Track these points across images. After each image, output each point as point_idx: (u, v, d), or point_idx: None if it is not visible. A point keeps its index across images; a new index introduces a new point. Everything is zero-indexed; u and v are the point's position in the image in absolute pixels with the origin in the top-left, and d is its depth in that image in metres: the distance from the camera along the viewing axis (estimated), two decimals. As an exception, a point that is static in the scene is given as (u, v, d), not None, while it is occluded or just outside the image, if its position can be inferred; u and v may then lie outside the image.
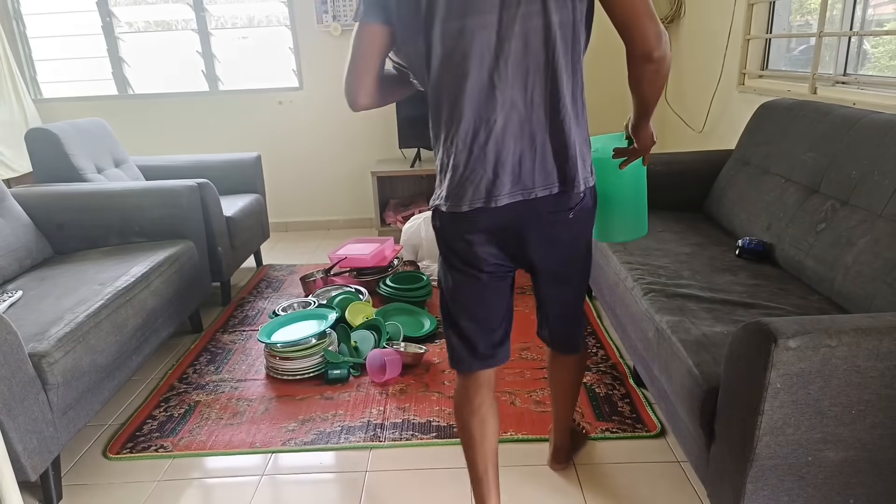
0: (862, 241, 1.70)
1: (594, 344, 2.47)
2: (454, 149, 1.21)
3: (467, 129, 1.19)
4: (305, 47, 4.02)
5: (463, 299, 1.37)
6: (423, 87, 1.31)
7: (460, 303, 1.37)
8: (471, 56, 1.15)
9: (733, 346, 1.24)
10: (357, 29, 1.24)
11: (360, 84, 1.26)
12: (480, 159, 1.20)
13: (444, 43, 1.17)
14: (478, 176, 1.21)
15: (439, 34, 1.17)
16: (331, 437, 1.96)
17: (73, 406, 1.76)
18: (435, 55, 1.19)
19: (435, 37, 1.18)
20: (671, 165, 2.72)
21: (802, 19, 2.92)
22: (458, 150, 1.21)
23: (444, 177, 1.25)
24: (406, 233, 3.35)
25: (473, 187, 1.21)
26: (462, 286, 1.35)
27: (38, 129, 2.82)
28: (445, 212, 1.26)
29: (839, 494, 1.25)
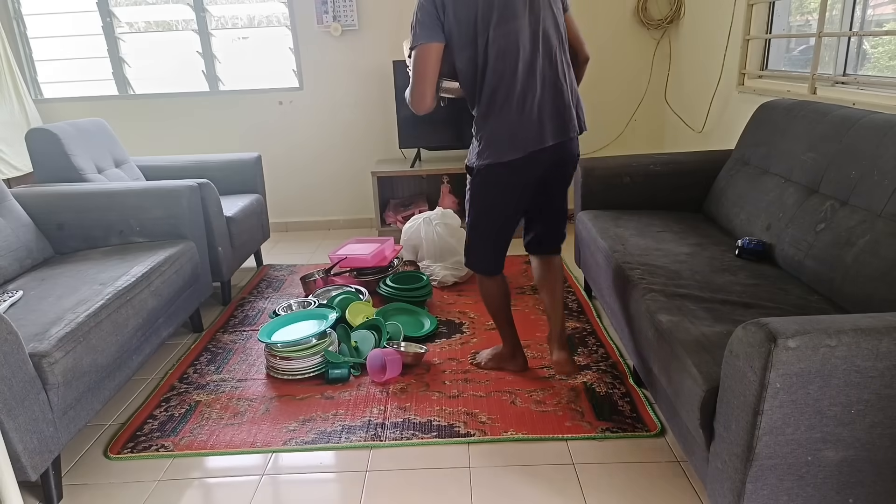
0: (862, 241, 1.70)
1: (594, 343, 2.47)
2: (510, 115, 1.77)
3: (519, 99, 1.76)
4: (305, 47, 4.02)
5: (498, 230, 1.99)
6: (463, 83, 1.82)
7: (492, 236, 2.00)
8: (519, 48, 1.75)
9: (733, 345, 1.24)
10: (418, 51, 1.76)
11: (427, 92, 1.81)
12: (532, 118, 1.78)
13: (498, 42, 1.74)
14: (532, 130, 1.79)
15: (492, 38, 1.73)
16: (331, 436, 1.96)
17: (74, 406, 1.76)
18: (490, 53, 1.74)
19: (489, 40, 1.73)
20: (671, 165, 2.73)
21: (802, 19, 2.92)
22: (514, 115, 1.77)
23: (491, 141, 1.81)
24: (406, 233, 3.36)
25: (528, 138, 1.79)
26: (499, 221, 1.97)
27: (39, 130, 2.83)
28: (503, 163, 1.81)
29: (838, 494, 1.26)
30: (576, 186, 2.86)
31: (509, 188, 1.90)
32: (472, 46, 1.76)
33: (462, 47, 1.76)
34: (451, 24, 1.73)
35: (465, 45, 1.75)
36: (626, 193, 2.73)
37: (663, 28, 3.92)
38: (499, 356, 2.31)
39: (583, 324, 2.65)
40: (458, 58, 1.78)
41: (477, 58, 1.76)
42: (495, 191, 1.91)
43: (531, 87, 1.78)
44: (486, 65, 1.76)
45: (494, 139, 1.82)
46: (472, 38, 1.74)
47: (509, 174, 1.86)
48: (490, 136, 1.82)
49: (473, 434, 1.94)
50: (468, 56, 1.77)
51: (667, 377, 1.62)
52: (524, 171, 1.86)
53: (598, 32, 3.98)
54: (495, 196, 1.92)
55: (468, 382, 2.23)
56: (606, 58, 4.04)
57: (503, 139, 1.80)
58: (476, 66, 1.78)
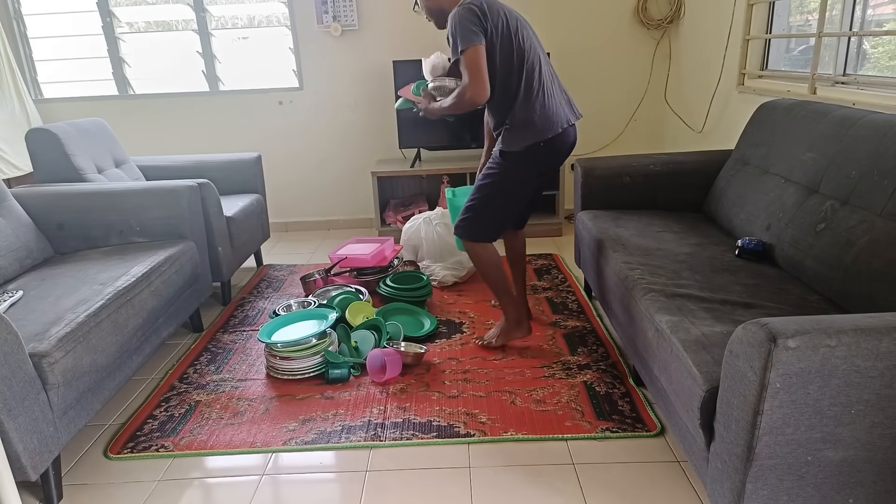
0: (862, 241, 1.70)
1: (594, 343, 2.48)
2: (540, 101, 2.13)
3: (546, 89, 2.16)
4: (305, 47, 4.02)
5: (516, 201, 2.27)
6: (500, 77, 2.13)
7: (507, 214, 2.30)
8: (536, 48, 2.17)
9: (733, 345, 1.24)
10: (469, 52, 2.02)
11: (486, 82, 2.05)
12: (556, 102, 2.18)
13: (526, 42, 2.13)
14: (560, 111, 2.18)
15: (523, 38, 2.13)
16: (331, 436, 1.96)
17: (74, 406, 1.76)
18: (525, 49, 2.12)
19: (522, 39, 2.12)
20: (671, 165, 2.73)
21: (802, 19, 2.92)
22: (544, 101, 2.14)
23: (535, 122, 2.13)
24: (406, 233, 3.36)
25: (560, 118, 2.16)
26: (521, 194, 2.27)
27: (39, 130, 2.83)
28: (549, 138, 2.14)
29: (838, 494, 1.26)
30: (576, 186, 2.86)
31: (541, 169, 2.23)
32: (509, 43, 2.10)
33: (502, 45, 2.09)
34: (493, 27, 2.07)
35: (504, 42, 2.09)
36: (626, 193, 2.73)
37: (663, 28, 3.92)
38: (505, 330, 2.45)
39: (583, 324, 2.65)
40: (499, 53, 2.09)
41: (514, 53, 2.10)
42: (529, 172, 2.22)
43: (549, 79, 2.19)
44: (524, 59, 2.11)
45: (538, 121, 2.13)
46: (509, 37, 2.09)
47: (549, 153, 2.18)
48: (532, 119, 2.13)
49: (473, 434, 1.94)
50: (507, 51, 2.10)
51: (667, 377, 1.62)
52: (557, 151, 2.19)
53: (598, 32, 3.98)
54: (526, 175, 2.23)
55: (468, 382, 2.23)
56: (606, 58, 4.04)
57: (545, 120, 2.13)
58: (514, 60, 2.11)
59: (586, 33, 3.99)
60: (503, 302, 2.41)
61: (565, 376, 2.23)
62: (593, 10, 3.93)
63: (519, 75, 2.12)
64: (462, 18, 2.03)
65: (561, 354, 2.40)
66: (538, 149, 2.15)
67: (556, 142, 2.17)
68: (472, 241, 2.29)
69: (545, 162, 2.21)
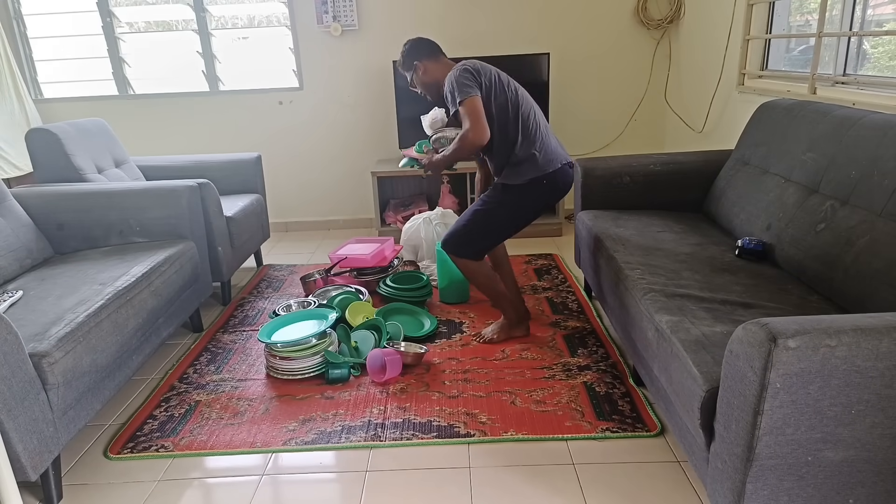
0: (862, 241, 1.70)
1: (594, 343, 2.48)
2: (540, 140, 2.29)
3: (542, 132, 2.32)
4: (305, 47, 4.02)
5: (508, 231, 2.39)
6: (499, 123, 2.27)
7: (497, 239, 2.40)
8: (528, 99, 2.33)
9: (733, 345, 1.24)
10: (467, 102, 2.16)
11: (485, 126, 2.17)
12: (553, 143, 2.34)
13: (518, 95, 2.29)
14: (558, 150, 2.33)
15: (514, 88, 2.30)
16: (331, 436, 1.96)
17: (74, 406, 1.76)
18: (519, 99, 2.29)
19: (514, 89, 2.30)
20: (671, 165, 2.73)
21: (802, 19, 2.93)
22: (543, 140, 2.30)
23: (538, 158, 2.27)
24: (406, 233, 3.36)
25: (559, 155, 2.32)
26: (514, 226, 2.37)
27: (39, 130, 2.83)
28: (550, 172, 2.28)
29: (839, 494, 1.26)
30: (576, 186, 2.86)
31: (538, 207, 2.34)
32: (504, 94, 2.26)
33: (497, 96, 2.25)
34: (487, 81, 2.24)
35: (499, 93, 2.25)
36: (626, 193, 2.73)
37: (663, 28, 3.92)
38: (504, 327, 2.52)
39: (583, 324, 2.65)
40: (495, 105, 2.24)
41: (508, 103, 2.26)
42: (527, 207, 2.33)
43: (543, 122, 2.35)
44: (518, 106, 2.27)
45: (539, 157, 2.27)
46: (503, 89, 2.26)
47: (546, 189, 2.30)
48: (533, 155, 2.27)
49: (473, 434, 1.94)
50: (502, 102, 2.25)
51: (667, 377, 1.62)
52: (556, 188, 2.31)
53: (597, 32, 3.98)
54: (523, 210, 2.34)
55: (468, 382, 2.23)
56: (606, 58, 4.04)
57: (545, 156, 2.28)
58: (509, 109, 2.26)
59: (586, 33, 3.99)
60: (500, 305, 2.48)
61: (565, 376, 2.23)
62: (593, 10, 3.93)
63: (515, 122, 2.26)
64: (457, 77, 2.21)
65: (561, 355, 2.40)
66: (539, 184, 2.27)
67: (556, 176, 2.29)
68: (459, 258, 2.39)
69: (544, 198, 2.32)
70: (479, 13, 3.95)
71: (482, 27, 3.97)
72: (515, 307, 2.52)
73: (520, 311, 2.53)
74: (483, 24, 3.96)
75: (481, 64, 2.29)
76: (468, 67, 2.24)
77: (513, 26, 3.97)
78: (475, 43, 3.96)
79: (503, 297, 2.47)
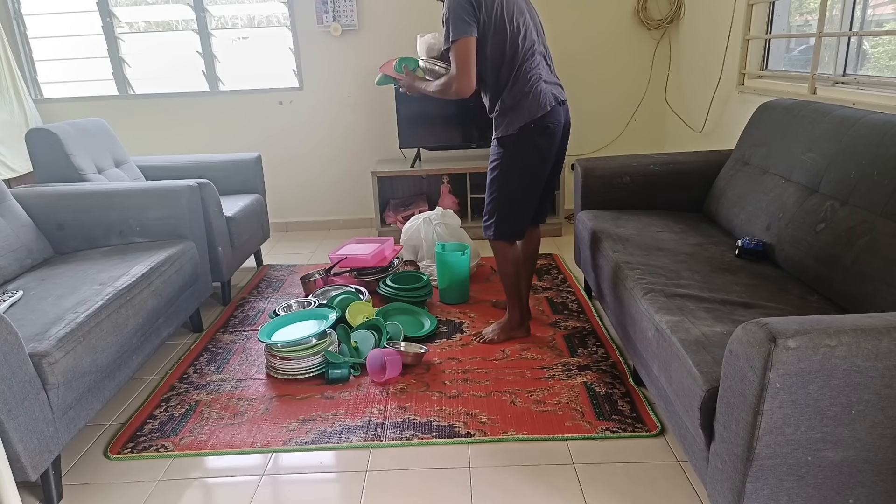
0: (861, 241, 1.70)
1: (594, 343, 2.48)
2: (530, 86, 2.16)
3: (537, 71, 2.18)
4: (305, 47, 4.02)
5: (530, 196, 2.30)
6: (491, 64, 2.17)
7: (526, 201, 2.30)
8: (529, 34, 2.19)
9: (733, 345, 1.24)
10: (461, 43, 2.08)
11: (473, 76, 2.11)
12: (545, 84, 2.19)
13: (521, 29, 2.16)
14: (548, 91, 2.19)
15: (517, 26, 2.15)
16: (331, 436, 1.96)
17: (74, 406, 1.76)
18: (518, 37, 2.15)
19: (516, 27, 2.14)
20: (671, 165, 2.73)
21: (802, 19, 2.93)
22: (534, 86, 2.16)
23: (523, 105, 2.16)
24: (406, 233, 3.36)
25: (547, 97, 2.17)
26: (531, 177, 2.27)
27: (39, 130, 2.83)
28: (539, 117, 2.15)
29: (839, 494, 1.26)
30: (576, 186, 2.86)
31: (542, 148, 2.23)
32: (503, 33, 2.13)
33: (495, 34, 2.13)
34: (487, 17, 2.10)
35: (497, 32, 2.12)
36: (626, 193, 2.74)
37: (663, 28, 3.92)
38: (507, 326, 2.51)
39: (583, 324, 2.65)
40: (490, 44, 2.13)
41: (506, 42, 2.14)
42: (531, 152, 2.22)
43: (542, 63, 2.23)
44: (517, 47, 2.15)
45: (526, 103, 2.16)
46: (503, 26, 2.12)
47: (541, 134, 2.20)
48: (520, 102, 2.17)
49: (473, 434, 1.94)
50: (500, 41, 2.13)
51: (667, 377, 1.62)
52: (551, 130, 2.21)
53: (597, 32, 3.98)
54: (531, 157, 2.23)
55: (468, 382, 2.23)
56: (606, 58, 4.04)
57: (533, 100, 2.16)
58: (506, 48, 2.14)
59: (586, 34, 3.99)
60: (511, 301, 2.46)
61: (565, 377, 2.23)
62: (593, 10, 3.93)
63: (511, 65, 2.16)
64: (455, 7, 2.07)
65: (561, 355, 2.40)
66: (530, 130, 2.18)
67: (546, 120, 2.18)
68: (501, 241, 2.33)
69: (541, 142, 2.21)
70: (479, 13, 3.94)
71: (482, 27, 3.96)
72: (522, 310, 2.50)
73: (524, 313, 2.52)
74: (483, 24, 3.96)
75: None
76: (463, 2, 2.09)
77: (513, 26, 3.97)
78: (475, 43, 3.96)
79: (517, 295, 2.45)
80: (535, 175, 2.27)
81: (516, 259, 2.38)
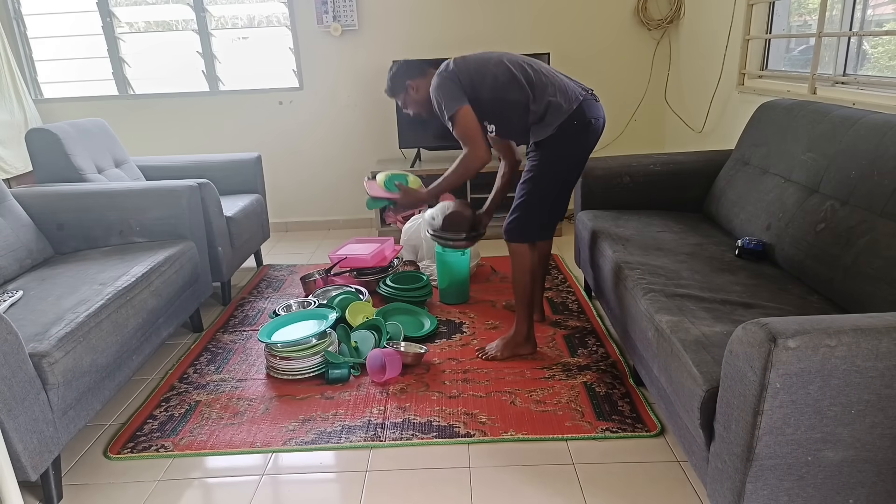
0: (861, 241, 1.70)
1: (594, 343, 2.47)
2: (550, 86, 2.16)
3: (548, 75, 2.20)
4: (305, 47, 4.02)
5: (561, 200, 2.27)
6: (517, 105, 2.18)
7: (558, 205, 2.28)
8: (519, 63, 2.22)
9: (733, 345, 1.24)
10: (458, 116, 2.14)
11: (483, 145, 2.17)
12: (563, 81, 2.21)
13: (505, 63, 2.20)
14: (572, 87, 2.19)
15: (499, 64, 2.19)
16: (331, 436, 1.96)
17: (74, 406, 1.76)
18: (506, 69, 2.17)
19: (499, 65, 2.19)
20: (671, 165, 2.73)
21: (802, 19, 2.93)
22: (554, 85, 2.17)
23: (556, 101, 2.14)
24: (406, 233, 3.36)
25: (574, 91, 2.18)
26: (565, 180, 2.25)
27: (39, 130, 2.83)
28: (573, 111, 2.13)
29: (839, 494, 1.26)
30: (576, 186, 2.85)
31: (584, 144, 2.19)
32: (490, 75, 2.17)
33: (485, 81, 2.17)
34: (467, 79, 2.16)
35: (486, 77, 2.17)
36: (626, 193, 2.74)
37: (663, 28, 3.92)
38: (512, 342, 2.38)
39: (583, 324, 2.65)
40: (487, 91, 2.16)
41: (497, 79, 2.16)
42: (572, 149, 2.19)
43: (546, 69, 2.22)
44: (510, 71, 2.17)
45: (553, 103, 2.13)
46: (483, 76, 2.17)
47: (584, 129, 2.16)
48: (548, 104, 2.14)
49: (473, 434, 1.94)
50: (491, 82, 2.16)
51: (667, 377, 1.62)
52: (594, 126, 2.17)
53: (597, 32, 3.98)
54: (566, 158, 2.20)
55: (468, 382, 2.23)
56: (606, 58, 4.04)
57: (560, 96, 2.14)
58: (499, 81, 2.16)
59: (586, 33, 3.99)
60: (521, 314, 2.34)
61: (565, 377, 2.23)
62: (593, 10, 3.93)
63: (516, 85, 2.15)
64: (439, 91, 2.17)
65: (561, 355, 2.39)
66: (569, 125, 2.13)
67: (583, 111, 2.14)
68: (521, 243, 2.25)
69: (580, 139, 2.17)
70: (479, 13, 3.95)
71: (482, 27, 3.97)
72: (530, 324, 2.36)
73: (532, 329, 2.38)
74: (483, 23, 3.96)
75: (457, 62, 2.20)
76: (447, 77, 2.17)
77: (512, 26, 3.97)
78: (475, 43, 3.96)
79: (528, 308, 2.33)
80: (571, 179, 2.25)
81: (533, 267, 2.29)
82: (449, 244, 2.59)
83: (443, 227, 2.57)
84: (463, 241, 2.56)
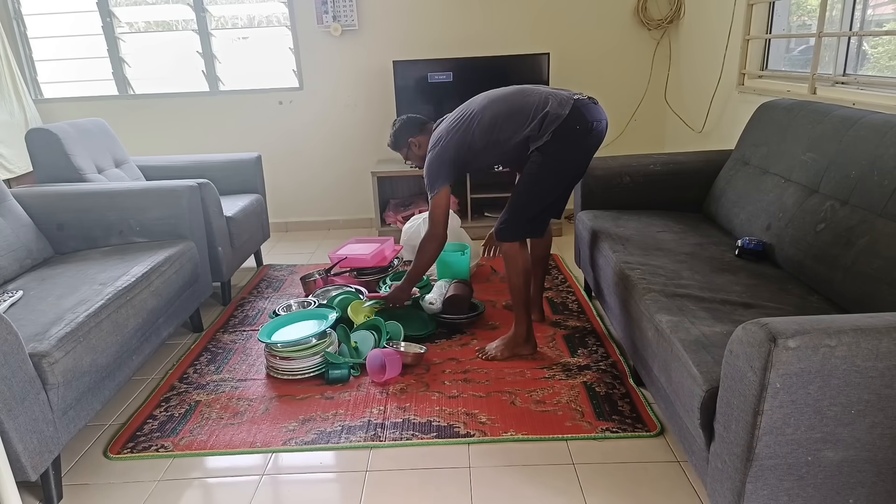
0: (861, 241, 1.70)
1: (594, 343, 2.47)
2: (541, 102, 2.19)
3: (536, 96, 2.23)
4: (305, 47, 4.02)
5: (553, 197, 2.28)
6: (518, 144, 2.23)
7: (556, 205, 2.35)
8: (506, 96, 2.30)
9: (733, 345, 1.24)
10: (436, 197, 2.33)
11: (443, 229, 2.38)
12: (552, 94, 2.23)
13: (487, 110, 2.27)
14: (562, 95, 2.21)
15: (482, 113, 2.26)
16: (331, 436, 1.96)
17: (74, 406, 1.76)
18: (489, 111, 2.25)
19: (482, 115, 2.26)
20: (671, 165, 2.73)
21: (801, 19, 2.93)
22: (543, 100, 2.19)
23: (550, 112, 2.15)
24: (406, 233, 3.35)
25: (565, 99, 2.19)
26: (565, 193, 2.33)
27: (39, 130, 2.83)
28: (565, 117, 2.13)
29: (839, 494, 1.26)
30: (576, 186, 2.85)
31: (584, 147, 2.21)
32: (479, 128, 2.23)
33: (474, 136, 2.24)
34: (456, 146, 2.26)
35: (475, 132, 2.24)
36: (626, 193, 2.74)
37: (663, 28, 3.92)
38: (511, 342, 2.38)
39: (583, 324, 2.65)
40: (478, 139, 2.24)
41: (484, 127, 2.23)
42: (564, 157, 2.20)
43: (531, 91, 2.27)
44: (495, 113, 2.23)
45: (548, 114, 2.15)
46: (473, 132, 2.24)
47: (586, 133, 2.18)
48: (543, 116, 2.16)
49: (473, 434, 1.94)
50: (480, 133, 2.23)
51: (667, 377, 1.62)
52: (587, 123, 2.17)
53: (597, 32, 3.98)
54: (564, 162, 2.21)
55: (468, 382, 2.23)
56: (606, 58, 4.04)
57: (551, 107, 2.16)
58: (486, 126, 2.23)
59: (586, 34, 3.99)
60: (518, 315, 2.34)
61: (565, 377, 2.23)
62: (593, 10, 3.93)
63: (507, 119, 2.21)
64: (430, 165, 2.30)
65: (561, 355, 2.39)
66: (571, 130, 2.14)
67: (582, 114, 2.15)
68: (512, 241, 2.26)
69: (581, 141, 2.18)
70: (479, 13, 3.95)
71: (482, 27, 3.97)
72: (528, 324, 2.36)
73: (531, 328, 2.38)
74: (483, 24, 3.96)
75: (447, 132, 2.27)
76: (437, 154, 2.27)
77: (513, 26, 3.97)
78: (475, 43, 3.96)
79: (525, 307, 2.32)
80: (573, 177, 2.30)
81: (526, 268, 2.29)
82: (453, 322, 2.66)
83: (443, 310, 2.66)
84: (464, 321, 2.65)
